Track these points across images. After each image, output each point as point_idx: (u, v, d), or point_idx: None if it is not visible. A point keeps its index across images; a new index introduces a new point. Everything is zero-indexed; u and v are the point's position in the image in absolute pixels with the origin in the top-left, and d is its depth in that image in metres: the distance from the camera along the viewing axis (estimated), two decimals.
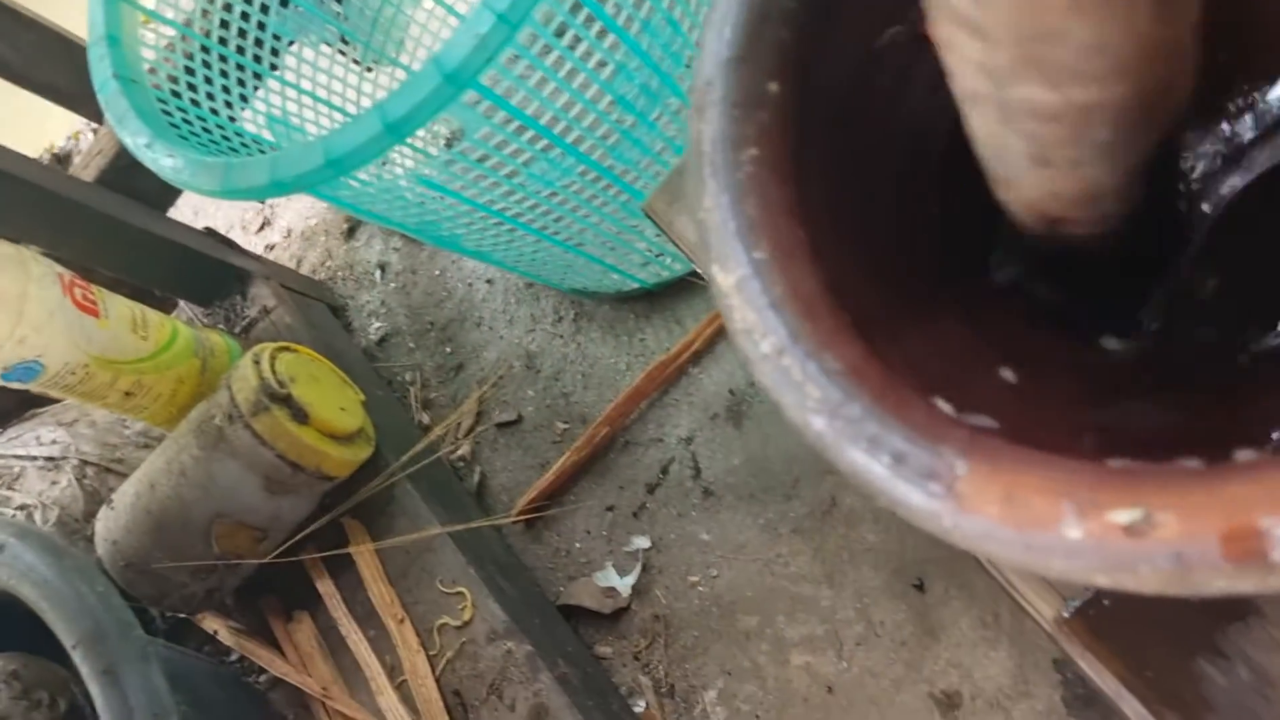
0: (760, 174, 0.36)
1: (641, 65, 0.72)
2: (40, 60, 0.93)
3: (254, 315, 1.05)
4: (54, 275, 0.83)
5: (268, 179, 0.65)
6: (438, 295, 1.14)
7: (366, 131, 0.61)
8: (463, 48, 0.58)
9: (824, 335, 0.34)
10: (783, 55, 0.38)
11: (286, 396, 0.85)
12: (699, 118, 0.37)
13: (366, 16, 0.98)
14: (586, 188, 0.77)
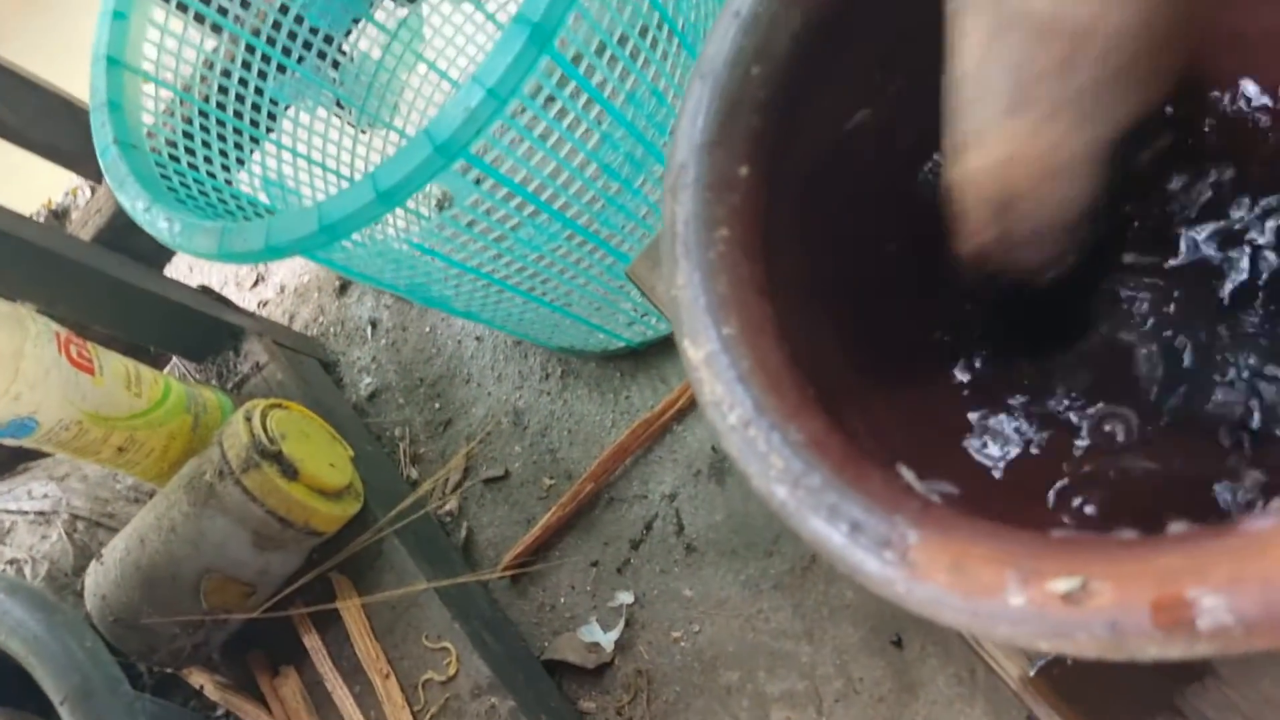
0: (731, 253, 0.38)
1: (626, 134, 0.74)
2: (41, 121, 0.96)
3: (246, 371, 1.07)
4: (50, 333, 0.84)
5: (263, 244, 0.67)
6: (428, 351, 1.15)
7: (360, 199, 0.63)
8: (453, 120, 0.61)
9: (788, 408, 0.35)
10: (754, 141, 0.40)
11: (277, 453, 0.87)
12: (673, 199, 0.39)
13: (362, 82, 1.01)
14: (573, 251, 0.80)
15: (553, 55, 0.62)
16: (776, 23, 0.40)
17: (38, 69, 1.02)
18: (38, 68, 1.03)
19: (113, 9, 0.81)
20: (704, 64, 0.40)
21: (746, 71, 0.40)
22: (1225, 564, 0.27)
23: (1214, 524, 0.29)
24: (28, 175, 1.71)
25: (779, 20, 0.40)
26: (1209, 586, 0.27)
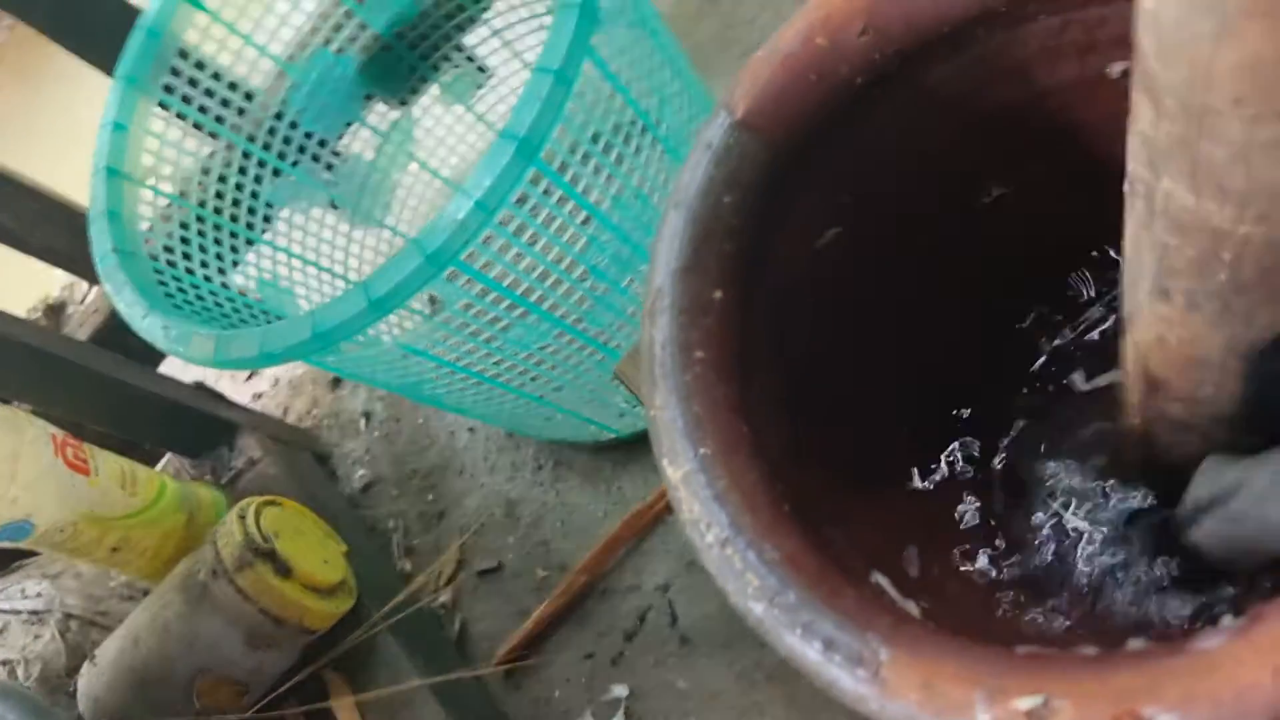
0: (706, 375, 0.40)
1: (612, 236, 0.76)
2: (40, 226, 0.98)
3: (240, 466, 1.08)
4: (47, 436, 0.86)
5: (258, 351, 0.68)
6: (421, 443, 1.17)
7: (352, 307, 0.65)
8: (443, 231, 0.63)
9: (763, 526, 0.37)
10: (727, 265, 0.42)
11: (270, 552, 0.87)
12: (651, 323, 0.41)
13: (355, 182, 1.04)
14: (563, 349, 0.81)
15: (539, 166, 0.64)
16: (745, 154, 0.42)
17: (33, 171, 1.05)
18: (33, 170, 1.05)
19: (113, 120, 0.84)
20: (678, 193, 0.42)
21: (718, 200, 0.42)
22: (1178, 683, 0.28)
23: (1169, 641, 0.30)
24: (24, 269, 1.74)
25: (747, 152, 0.42)
26: (1163, 705, 0.28)
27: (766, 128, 0.42)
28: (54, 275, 1.61)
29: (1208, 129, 0.27)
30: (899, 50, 0.42)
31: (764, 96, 0.42)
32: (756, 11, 1.10)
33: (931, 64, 0.44)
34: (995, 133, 0.47)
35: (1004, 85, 0.45)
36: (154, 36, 0.86)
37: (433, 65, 1.03)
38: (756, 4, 1.10)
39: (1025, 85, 0.46)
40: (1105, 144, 0.48)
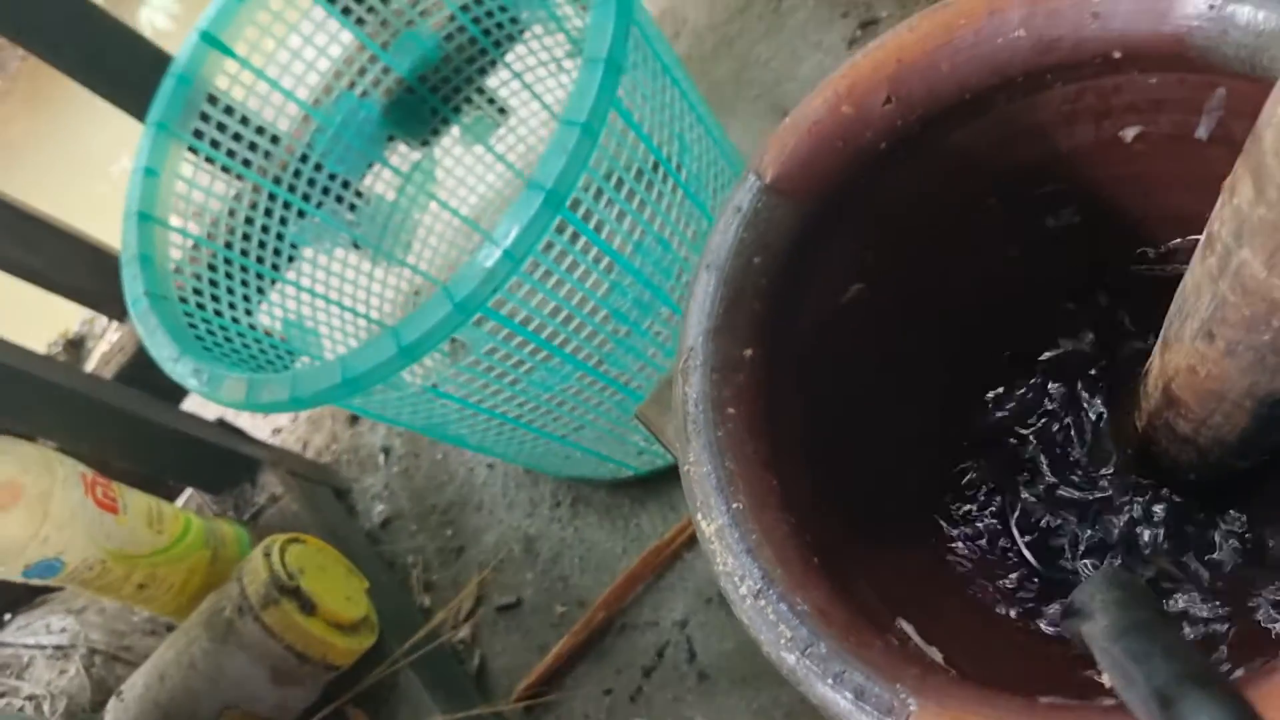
0: (737, 431, 0.41)
1: (634, 281, 0.78)
2: (68, 266, 1.00)
3: (262, 503, 1.09)
4: (77, 475, 0.87)
5: (289, 395, 0.70)
6: (439, 479, 1.18)
7: (382, 354, 0.66)
8: (471, 280, 0.65)
9: (794, 579, 0.38)
10: (757, 324, 0.43)
11: (295, 589, 0.89)
12: (684, 381, 0.42)
13: (377, 222, 1.06)
14: (584, 390, 0.83)
15: (565, 215, 0.66)
16: (774, 218, 0.44)
17: (59, 212, 1.07)
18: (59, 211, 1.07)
19: (144, 166, 0.86)
20: (709, 255, 0.44)
21: (748, 261, 0.43)
22: None
23: None
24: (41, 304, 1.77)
25: (776, 215, 0.44)
26: None
27: (795, 191, 0.44)
28: (72, 308, 1.63)
29: None
30: (921, 116, 0.44)
31: (792, 161, 0.44)
32: (771, 53, 1.12)
33: (953, 128, 0.45)
34: (1013, 191, 0.49)
35: (1023, 147, 0.47)
36: (184, 83, 0.88)
37: (454, 107, 1.05)
38: (771, 46, 1.12)
39: (1043, 146, 0.47)
40: (1121, 202, 0.50)
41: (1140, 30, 0.39)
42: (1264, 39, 0.37)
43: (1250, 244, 0.32)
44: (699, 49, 1.18)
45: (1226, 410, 0.38)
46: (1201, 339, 0.37)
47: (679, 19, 1.21)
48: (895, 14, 1.04)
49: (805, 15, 1.10)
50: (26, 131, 3.76)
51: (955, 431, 0.53)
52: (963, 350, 0.52)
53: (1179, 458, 0.43)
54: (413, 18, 0.96)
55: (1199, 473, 0.43)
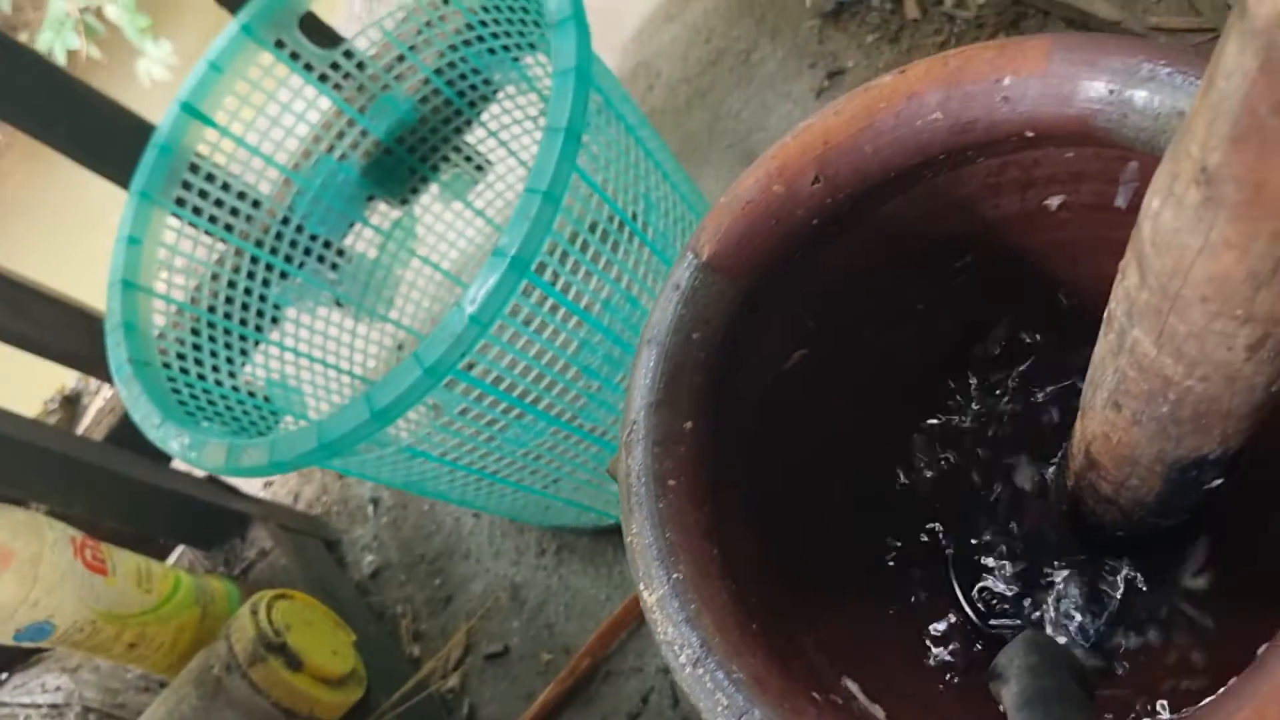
0: (679, 502, 0.43)
1: (604, 338, 0.80)
2: (59, 332, 1.02)
3: (252, 557, 1.11)
4: (66, 539, 0.89)
5: (268, 460, 0.72)
6: (427, 529, 1.20)
7: (356, 418, 0.68)
8: (441, 345, 0.66)
9: (732, 646, 0.40)
10: (698, 397, 0.45)
11: (282, 645, 0.90)
12: (627, 453, 0.44)
13: (359, 280, 1.08)
14: (559, 444, 0.85)
15: (531, 278, 0.68)
16: (712, 293, 0.46)
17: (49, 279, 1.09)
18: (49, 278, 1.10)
19: (128, 235, 0.88)
20: (649, 330, 0.46)
21: (687, 337, 0.45)
22: None
23: None
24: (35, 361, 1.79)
25: (714, 291, 0.46)
26: None
27: (731, 268, 0.46)
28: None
29: (1177, 309, 0.31)
30: (850, 194, 0.46)
31: (728, 239, 0.46)
32: (742, 104, 1.15)
33: (881, 202, 0.47)
34: (945, 258, 0.51)
35: (951, 217, 0.49)
36: (166, 152, 0.90)
37: (432, 166, 1.07)
38: (742, 97, 1.15)
39: (971, 217, 0.49)
40: (1050, 267, 0.52)
41: (1048, 113, 0.41)
42: (1161, 121, 0.39)
43: (1140, 325, 0.34)
44: (673, 101, 1.21)
45: (1141, 474, 0.40)
46: (1110, 408, 0.38)
47: (653, 72, 1.24)
48: (861, 63, 1.06)
49: (774, 67, 1.13)
50: (25, 184, 3.80)
51: (897, 490, 0.55)
52: (901, 411, 0.54)
53: (1105, 516, 0.44)
54: (388, 82, 0.99)
55: (1125, 530, 0.45)
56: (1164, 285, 0.32)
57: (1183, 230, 0.30)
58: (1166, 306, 0.32)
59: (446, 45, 0.96)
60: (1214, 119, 0.27)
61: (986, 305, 0.53)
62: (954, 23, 1.01)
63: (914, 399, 0.55)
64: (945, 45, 1.01)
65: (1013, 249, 0.51)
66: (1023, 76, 0.41)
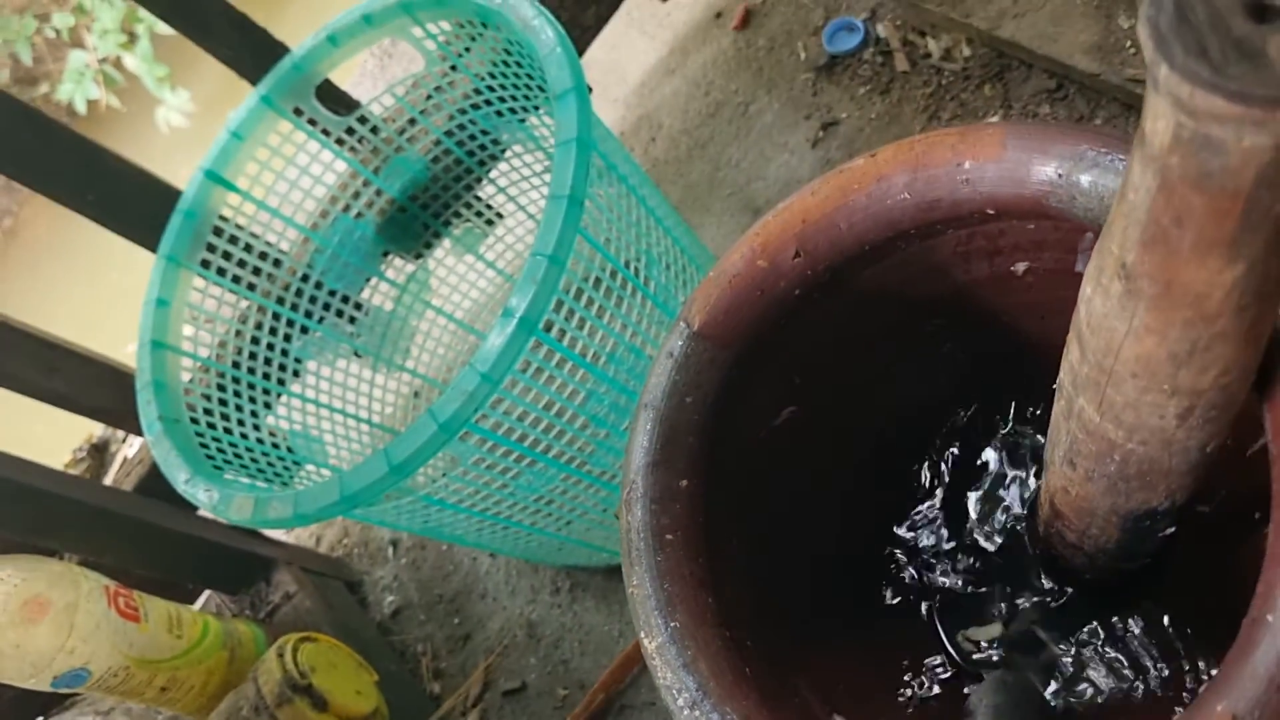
0: (676, 555, 0.47)
1: (610, 388, 0.84)
2: (90, 389, 1.06)
3: (277, 601, 1.15)
4: (100, 588, 0.93)
5: (293, 512, 0.75)
6: (445, 569, 1.23)
7: (376, 472, 0.72)
8: (454, 402, 0.70)
9: (726, 689, 0.43)
10: (692, 457, 0.49)
11: (308, 687, 0.94)
12: (627, 511, 0.48)
13: (376, 332, 1.12)
14: (570, 489, 0.88)
15: (539, 335, 0.72)
16: (703, 360, 0.49)
17: (78, 336, 1.14)
18: (78, 335, 1.14)
19: (156, 297, 0.92)
20: (646, 395, 0.49)
21: (681, 401, 0.49)
22: None
23: None
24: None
25: (705, 358, 0.49)
26: None
27: (720, 336, 0.50)
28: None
29: (1113, 382, 0.35)
30: (828, 266, 0.50)
31: (716, 310, 0.50)
32: (741, 154, 1.19)
33: (859, 271, 0.51)
34: (921, 319, 0.55)
35: (925, 282, 0.53)
36: (191, 217, 0.95)
37: (444, 221, 1.12)
38: (741, 148, 1.19)
39: (945, 281, 0.53)
40: (1019, 327, 0.56)
41: (1005, 193, 0.45)
42: (1106, 201, 0.43)
43: (1083, 394, 0.38)
44: (675, 152, 1.25)
45: (1099, 524, 0.44)
46: (1066, 465, 0.42)
47: (655, 124, 1.29)
48: (854, 114, 1.10)
49: (771, 118, 1.17)
50: (50, 229, 3.88)
51: (884, 534, 0.59)
52: (886, 460, 0.58)
53: (1074, 561, 0.48)
54: (401, 144, 1.03)
55: (1092, 573, 0.48)
56: (1100, 361, 0.35)
57: (1111, 315, 0.34)
58: (1104, 380, 0.36)
59: (456, 109, 1.00)
60: (1128, 225, 0.31)
61: (963, 360, 0.57)
62: (941, 74, 1.05)
63: (899, 448, 0.59)
64: (934, 96, 1.05)
65: (985, 309, 0.54)
66: (981, 161, 0.45)
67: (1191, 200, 0.28)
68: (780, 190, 1.13)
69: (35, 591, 0.89)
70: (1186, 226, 0.28)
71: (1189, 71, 0.24)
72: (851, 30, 1.14)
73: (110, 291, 3.10)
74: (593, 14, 1.11)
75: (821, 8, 1.19)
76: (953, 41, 1.06)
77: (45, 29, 3.84)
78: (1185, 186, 0.27)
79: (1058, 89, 0.98)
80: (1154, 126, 0.27)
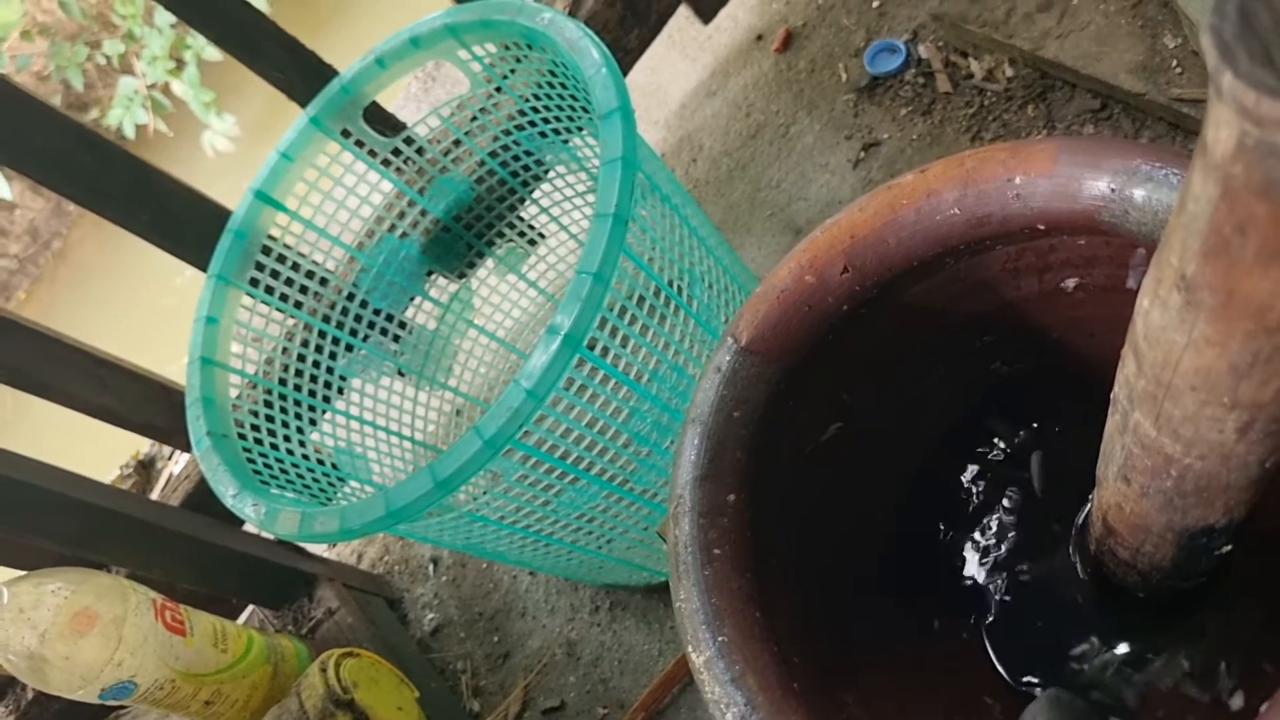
0: (723, 569, 0.47)
1: (653, 406, 0.84)
2: (140, 405, 1.08)
3: (320, 616, 1.15)
4: (148, 601, 0.94)
5: (338, 527, 0.76)
6: (485, 587, 1.24)
7: (420, 488, 0.73)
8: (499, 418, 0.71)
9: (774, 704, 0.43)
10: (740, 471, 0.49)
11: (350, 702, 0.94)
12: (675, 524, 0.48)
13: (419, 350, 1.13)
14: (611, 507, 0.89)
15: (583, 353, 0.72)
16: (750, 375, 0.50)
17: (130, 354, 1.16)
18: (130, 353, 1.16)
19: (206, 315, 0.94)
20: (693, 410, 0.50)
21: (729, 416, 0.49)
22: None
23: None
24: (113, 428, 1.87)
25: (752, 373, 0.50)
26: None
27: (768, 351, 0.50)
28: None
29: (1171, 395, 0.35)
30: (876, 281, 0.50)
31: (764, 325, 0.50)
32: (782, 175, 1.19)
33: (907, 287, 0.51)
34: (970, 336, 0.54)
35: (973, 299, 0.53)
36: (241, 237, 0.96)
37: (487, 241, 1.13)
38: (781, 170, 1.19)
39: (993, 297, 0.53)
40: (1068, 343, 0.55)
41: (1057, 208, 0.45)
42: (1160, 217, 0.43)
43: (1140, 408, 0.37)
44: (715, 173, 1.26)
45: (1154, 541, 0.43)
46: (1120, 481, 0.42)
47: (696, 145, 1.29)
48: (895, 135, 1.10)
49: (812, 139, 1.18)
50: (98, 250, 3.95)
51: (933, 553, 0.58)
52: (935, 478, 0.58)
53: (1126, 579, 0.47)
54: (446, 165, 1.04)
55: (1146, 592, 0.48)
56: (1157, 375, 0.35)
57: (1169, 328, 0.33)
58: (1161, 393, 0.35)
59: (500, 130, 1.01)
60: (1187, 235, 0.31)
61: (1011, 376, 0.57)
62: (984, 95, 1.05)
63: (946, 464, 0.58)
64: (976, 117, 1.05)
65: (1033, 325, 0.54)
66: (1032, 176, 0.45)
67: (1255, 209, 0.28)
68: (821, 211, 1.14)
69: (84, 604, 0.91)
70: (1250, 235, 0.28)
71: (1255, 79, 0.24)
72: (893, 52, 1.14)
73: (154, 312, 3.15)
74: (635, 37, 1.12)
75: (863, 29, 1.20)
76: (995, 62, 1.06)
77: (96, 55, 3.93)
78: (1249, 194, 0.27)
79: (1102, 109, 0.98)
80: (1216, 135, 0.27)
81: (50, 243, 4.51)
